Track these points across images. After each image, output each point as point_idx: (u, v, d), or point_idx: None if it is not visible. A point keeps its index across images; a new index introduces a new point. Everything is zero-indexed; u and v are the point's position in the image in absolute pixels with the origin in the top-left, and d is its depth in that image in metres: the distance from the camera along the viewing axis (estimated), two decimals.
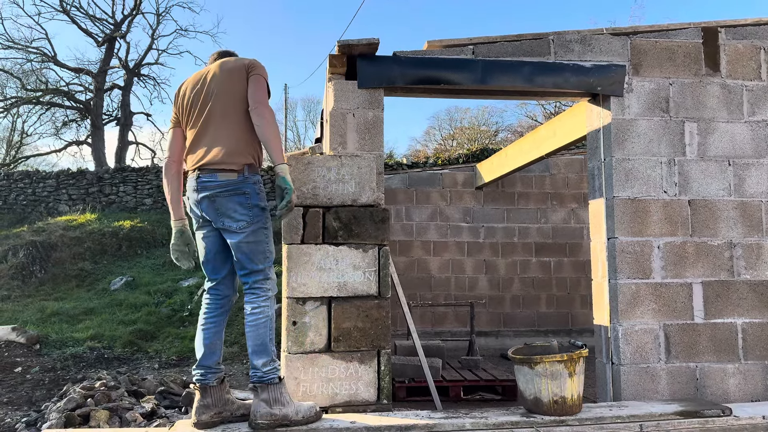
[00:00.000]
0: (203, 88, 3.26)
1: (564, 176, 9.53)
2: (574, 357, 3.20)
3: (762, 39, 4.34)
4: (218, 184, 3.08)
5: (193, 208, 3.24)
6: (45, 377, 6.93)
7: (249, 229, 3.10)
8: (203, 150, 3.17)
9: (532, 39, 4.17)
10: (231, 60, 3.31)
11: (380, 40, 3.83)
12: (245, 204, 3.10)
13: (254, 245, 3.13)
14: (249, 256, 3.13)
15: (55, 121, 25.30)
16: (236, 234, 3.11)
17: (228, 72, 3.23)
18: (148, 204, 16.25)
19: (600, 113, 4.28)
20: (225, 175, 3.08)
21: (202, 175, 3.12)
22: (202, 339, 3.26)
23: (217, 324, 3.29)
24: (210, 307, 3.30)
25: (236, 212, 3.08)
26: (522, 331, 9.14)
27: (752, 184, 4.24)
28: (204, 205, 3.14)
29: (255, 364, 3.13)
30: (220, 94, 3.19)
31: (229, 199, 3.08)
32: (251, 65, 3.24)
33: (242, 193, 3.09)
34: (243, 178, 3.09)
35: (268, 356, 3.14)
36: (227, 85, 3.20)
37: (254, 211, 3.12)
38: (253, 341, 3.15)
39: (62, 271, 12.19)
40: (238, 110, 3.17)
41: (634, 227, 4.09)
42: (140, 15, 25.20)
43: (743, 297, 4.13)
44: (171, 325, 9.45)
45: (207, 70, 3.32)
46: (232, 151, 3.10)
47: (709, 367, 4.05)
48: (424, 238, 9.30)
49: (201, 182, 3.12)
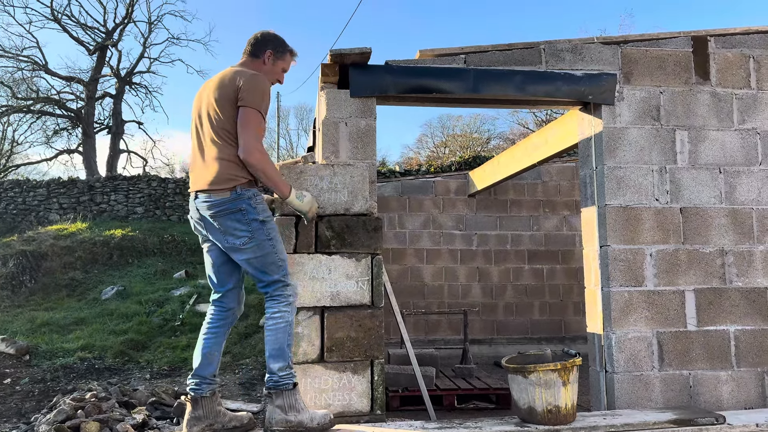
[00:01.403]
0: (199, 104, 3.22)
1: (556, 184, 9.56)
2: (568, 366, 3.19)
3: (751, 48, 4.37)
4: (213, 203, 3.06)
5: (196, 227, 3.24)
6: (35, 388, 6.85)
7: (252, 243, 3.08)
8: (197, 172, 3.17)
9: (524, 48, 4.19)
10: (228, 75, 3.14)
11: (372, 49, 3.84)
12: (243, 220, 3.06)
13: (263, 258, 3.11)
14: (261, 269, 3.12)
15: (45, 130, 25.22)
16: (242, 251, 3.09)
17: (220, 92, 3.09)
18: (139, 213, 16.19)
19: (591, 121, 4.30)
20: (218, 194, 3.06)
21: (199, 195, 3.13)
22: (201, 348, 3.24)
23: (217, 335, 3.27)
24: (213, 318, 3.29)
25: (236, 230, 3.06)
26: (515, 339, 9.13)
27: (743, 191, 4.26)
28: (206, 224, 3.15)
29: (272, 368, 3.11)
30: (211, 117, 3.11)
31: (227, 218, 3.06)
32: (242, 89, 3.04)
33: (238, 210, 3.06)
34: (237, 195, 3.06)
35: (285, 361, 3.13)
36: (218, 106, 3.08)
37: (253, 225, 3.08)
38: (271, 345, 3.12)
39: (53, 280, 12.09)
40: (229, 134, 3.07)
41: (626, 235, 4.10)
42: (132, 23, 25.27)
43: (735, 304, 4.15)
44: (162, 335, 9.38)
45: (212, 81, 3.22)
46: (222, 177, 3.05)
47: (702, 374, 4.05)
48: (417, 246, 9.29)
49: (198, 203, 3.13)
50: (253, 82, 3.07)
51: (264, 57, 3.29)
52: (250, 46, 3.31)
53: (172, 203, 16.39)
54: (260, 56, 3.29)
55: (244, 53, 3.34)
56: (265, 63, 3.29)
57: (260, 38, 3.31)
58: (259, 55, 3.29)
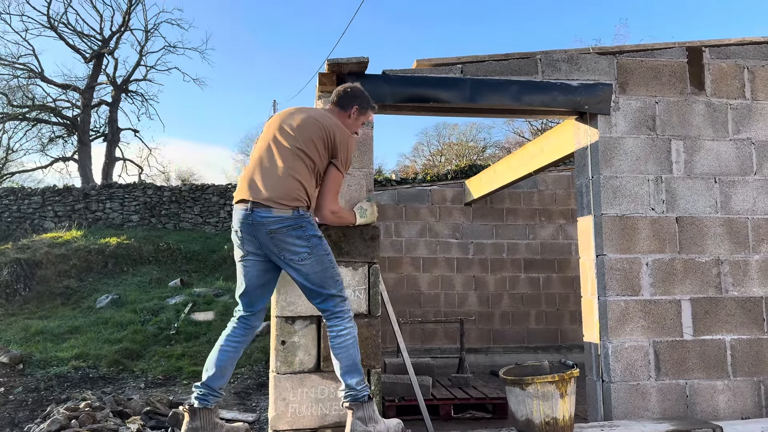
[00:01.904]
0: (282, 122, 3.28)
1: (552, 192, 9.59)
2: (566, 377, 3.18)
3: (745, 58, 4.41)
4: (274, 219, 3.07)
5: (244, 239, 3.18)
6: (28, 398, 6.80)
7: (311, 258, 3.12)
8: (260, 182, 3.15)
9: (520, 58, 4.21)
10: (328, 120, 3.28)
11: (369, 58, 3.85)
12: (303, 236, 3.11)
13: (321, 273, 3.15)
14: (320, 284, 3.16)
15: (41, 137, 25.15)
16: (300, 266, 3.12)
17: (314, 128, 3.21)
18: (134, 221, 16.15)
19: (587, 131, 4.32)
20: (280, 210, 3.08)
21: (257, 210, 3.10)
22: (215, 359, 3.23)
23: (236, 349, 3.28)
24: (235, 332, 3.29)
25: (295, 246, 3.10)
26: (512, 348, 9.12)
27: (738, 201, 4.28)
28: (261, 240, 3.13)
29: (349, 383, 3.15)
30: (298, 138, 3.18)
31: (287, 234, 3.08)
32: (339, 147, 3.23)
33: (299, 227, 3.10)
34: (298, 215, 3.11)
35: (360, 375, 3.19)
36: (308, 136, 3.19)
37: (312, 241, 3.13)
38: (344, 362, 3.16)
39: (47, 288, 12.03)
40: (310, 161, 3.18)
41: (622, 244, 4.11)
42: (128, 31, 25.26)
43: (731, 313, 4.15)
44: (157, 344, 9.34)
45: (303, 110, 3.34)
46: (291, 195, 3.10)
47: (698, 384, 4.05)
48: (414, 255, 9.29)
49: (257, 217, 3.10)
50: (351, 146, 3.30)
51: (350, 111, 3.43)
52: (338, 98, 3.44)
53: (167, 211, 16.36)
54: (347, 110, 3.42)
55: (332, 102, 3.47)
56: (349, 117, 3.43)
57: (349, 93, 3.45)
58: (345, 108, 3.42)
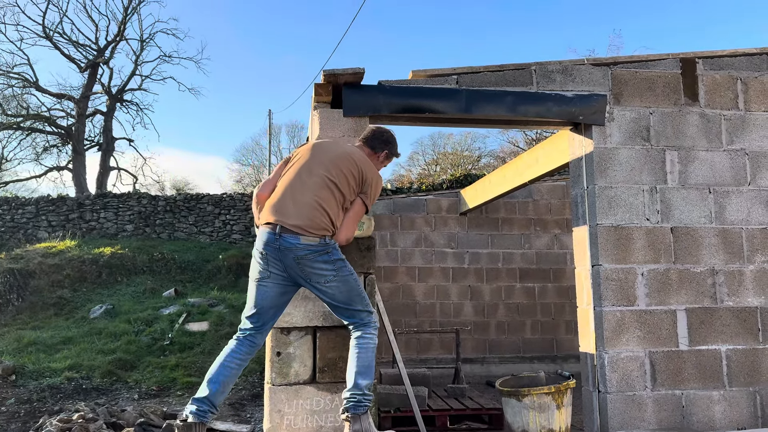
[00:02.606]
0: (321, 152, 3.38)
1: (547, 202, 9.61)
2: (562, 389, 3.18)
3: (738, 69, 4.44)
4: (303, 246, 3.16)
5: (269, 260, 3.22)
6: (21, 409, 6.73)
7: (336, 280, 3.22)
8: (290, 207, 3.23)
9: (515, 69, 4.23)
10: (362, 158, 3.41)
11: (365, 69, 3.86)
12: (329, 261, 3.21)
13: (348, 292, 3.26)
14: (347, 302, 3.27)
15: (35, 147, 25.02)
16: (327, 288, 3.23)
17: (348, 163, 3.33)
18: (129, 230, 16.09)
19: (582, 142, 4.33)
20: (308, 239, 3.17)
21: (285, 235, 3.17)
22: (219, 374, 3.21)
23: (240, 366, 3.28)
24: (240, 350, 3.29)
25: (322, 270, 3.20)
26: (507, 358, 9.10)
27: (732, 211, 4.29)
28: (287, 264, 3.20)
29: (359, 384, 3.18)
30: (332, 171, 3.29)
31: (314, 260, 3.18)
32: (370, 184, 3.37)
33: (325, 253, 3.20)
34: (324, 243, 3.21)
35: (371, 379, 3.23)
36: (342, 171, 3.30)
37: (338, 264, 3.24)
38: (361, 362, 3.22)
39: (40, 299, 11.95)
40: (341, 195, 3.29)
41: (617, 254, 4.12)
42: (124, 41, 25.25)
43: (726, 324, 4.16)
44: (151, 355, 9.27)
45: (337, 144, 3.49)
46: (319, 226, 3.20)
47: (694, 394, 4.05)
48: (409, 264, 9.28)
49: (285, 242, 3.17)
50: (379, 185, 3.45)
51: (380, 155, 3.59)
52: (372, 138, 3.59)
53: (162, 221, 16.30)
54: (377, 152, 3.58)
55: (363, 140, 3.60)
56: (378, 159, 3.59)
57: (384, 137, 3.61)
58: (376, 150, 3.58)
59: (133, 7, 24.60)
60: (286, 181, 3.35)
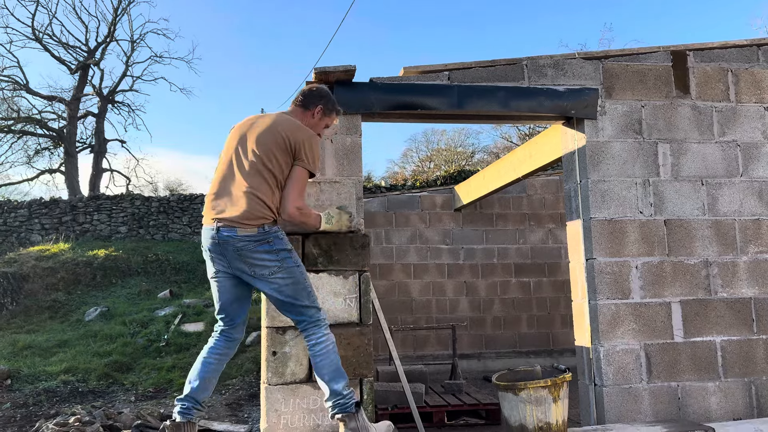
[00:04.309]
0: (241, 137, 3.23)
1: (541, 197, 9.62)
2: (558, 382, 3.19)
3: (729, 61, 4.45)
4: (240, 238, 3.05)
5: (213, 258, 3.16)
6: (17, 414, 6.70)
7: (281, 272, 3.10)
8: (223, 202, 3.14)
9: (506, 64, 4.23)
10: (285, 123, 3.22)
11: (356, 66, 3.85)
12: (271, 251, 3.08)
13: (293, 285, 3.12)
14: (293, 296, 3.13)
15: (27, 150, 24.87)
16: (272, 280, 3.09)
17: (273, 136, 3.15)
18: (122, 232, 16.03)
19: (575, 136, 4.34)
20: (244, 230, 3.05)
21: (222, 228, 3.08)
22: (199, 371, 3.20)
23: (220, 362, 3.26)
24: (218, 345, 3.27)
25: (264, 260, 3.08)
26: (504, 353, 9.12)
27: (725, 203, 4.31)
28: (229, 258, 3.11)
29: (336, 389, 3.08)
30: (257, 153, 3.13)
31: (254, 251, 3.06)
32: (303, 149, 3.15)
33: (265, 242, 3.07)
34: (263, 231, 3.07)
35: (345, 379, 3.14)
36: (267, 148, 3.13)
37: (282, 254, 3.11)
38: (328, 369, 3.11)
39: (35, 302, 11.89)
40: (271, 176, 3.13)
41: (611, 248, 4.13)
42: (114, 42, 25.14)
43: (721, 315, 4.18)
44: (147, 356, 9.25)
45: (262, 119, 3.27)
46: (253, 215, 3.06)
47: (690, 386, 4.07)
48: (405, 261, 9.28)
49: (222, 236, 3.08)
50: (313, 145, 3.20)
51: (314, 110, 3.38)
52: (302, 97, 3.40)
53: (156, 222, 16.25)
54: (310, 109, 3.38)
55: (294, 102, 3.41)
56: (313, 116, 3.38)
57: (315, 92, 3.42)
58: (308, 107, 3.38)
59: (123, 7, 24.50)
60: (219, 174, 3.23)
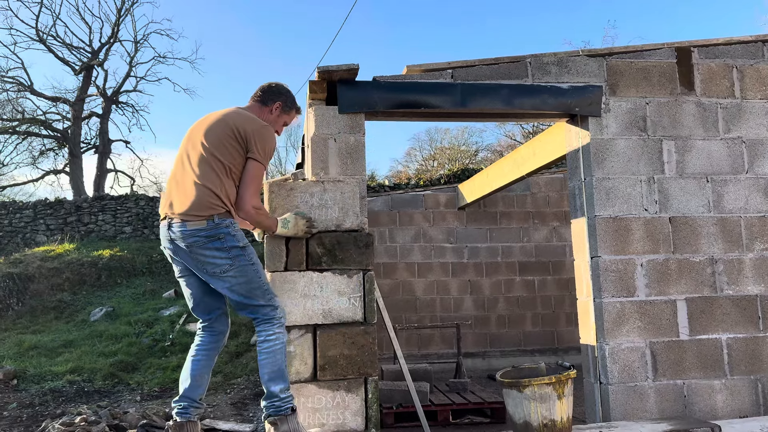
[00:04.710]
0: (192, 135, 3.17)
1: (545, 195, 9.60)
2: (563, 379, 3.18)
3: (734, 58, 4.43)
4: (190, 232, 2.97)
5: (173, 257, 3.13)
6: (23, 414, 6.73)
7: (233, 270, 3.01)
8: (173, 197, 3.08)
9: (510, 62, 4.22)
10: (235, 115, 3.15)
11: (360, 65, 3.85)
12: (222, 248, 2.99)
13: (246, 284, 3.04)
14: (246, 295, 3.06)
15: (32, 151, 24.94)
16: (224, 279, 3.02)
17: (222, 128, 3.08)
18: (127, 232, 16.06)
19: (579, 133, 4.32)
20: (194, 223, 2.97)
21: (173, 224, 3.02)
22: (190, 370, 3.19)
23: (208, 357, 3.24)
24: (203, 340, 3.26)
25: (215, 258, 2.99)
26: (508, 351, 9.10)
27: (730, 200, 4.29)
28: (182, 256, 3.06)
29: (273, 391, 3.03)
30: (205, 145, 3.06)
31: (205, 247, 2.98)
32: (254, 140, 3.05)
33: (216, 238, 2.98)
34: (213, 224, 2.98)
35: (285, 382, 3.08)
36: (216, 138, 3.05)
37: (233, 252, 3.01)
38: (269, 368, 3.06)
39: (40, 303, 11.94)
40: (220, 165, 3.02)
41: (616, 245, 4.11)
42: (118, 43, 25.18)
43: (727, 312, 4.16)
44: (152, 356, 9.28)
45: (213, 114, 3.21)
46: (202, 204, 2.97)
47: (696, 383, 4.05)
48: (408, 260, 9.27)
49: (173, 232, 3.02)
50: (265, 136, 3.10)
51: (272, 107, 3.32)
52: (261, 92, 3.34)
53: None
54: (268, 105, 3.32)
55: (253, 98, 3.36)
56: (271, 113, 3.32)
57: (273, 88, 3.36)
58: (267, 103, 3.32)
59: (126, 8, 24.54)
60: (172, 173, 3.19)
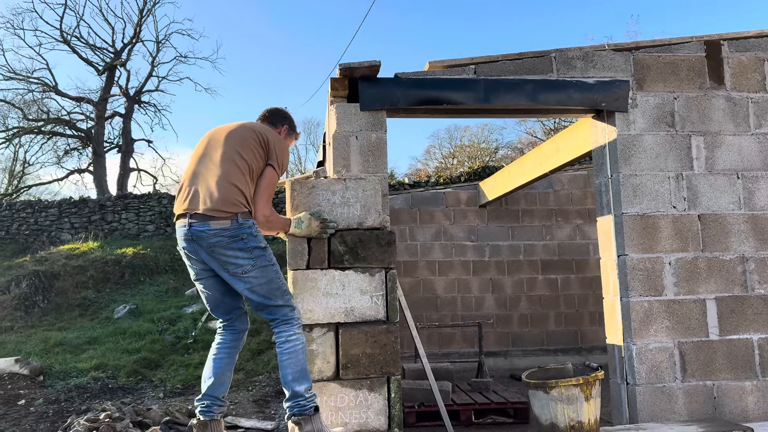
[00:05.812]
0: (212, 138, 3.26)
1: (568, 192, 9.48)
2: (590, 380, 3.12)
3: (765, 51, 4.31)
4: (213, 232, 2.97)
5: (190, 257, 3.12)
6: (49, 409, 6.82)
7: (255, 271, 3.03)
8: (196, 194, 3.07)
9: (534, 57, 4.15)
10: (259, 125, 3.33)
11: (381, 61, 3.82)
12: (245, 248, 3.01)
13: (267, 284, 3.06)
14: (266, 295, 3.08)
15: (56, 150, 25.41)
16: (245, 279, 3.04)
17: (247, 133, 3.20)
18: (150, 230, 16.22)
19: (605, 129, 4.24)
20: (217, 222, 2.98)
21: (194, 224, 3.01)
22: (212, 368, 3.20)
23: (230, 355, 3.24)
24: (224, 339, 3.27)
25: (237, 258, 3.01)
26: (531, 350, 9.01)
27: (762, 196, 4.18)
28: (202, 255, 3.05)
29: (297, 390, 3.04)
30: (235, 142, 3.14)
31: (228, 248, 2.99)
32: (276, 150, 3.21)
33: (239, 239, 3.00)
34: (237, 225, 3.00)
35: (308, 382, 3.10)
36: (245, 139, 3.16)
37: (255, 252, 3.04)
38: (292, 368, 3.06)
39: (65, 300, 12.11)
40: (246, 165, 3.10)
41: (644, 244, 4.03)
42: (140, 43, 25.46)
43: (758, 312, 4.05)
44: (175, 353, 9.35)
45: (233, 124, 3.33)
46: (228, 200, 2.99)
47: (726, 385, 3.96)
48: (429, 258, 9.22)
49: (195, 232, 3.01)
50: (284, 148, 3.30)
51: (281, 129, 3.51)
52: (270, 114, 3.54)
53: None
54: (277, 127, 3.50)
55: (261, 118, 3.54)
56: (279, 134, 3.46)
57: (281, 112, 3.58)
58: (276, 125, 3.50)
59: (148, 8, 24.80)
60: (189, 172, 3.19)
